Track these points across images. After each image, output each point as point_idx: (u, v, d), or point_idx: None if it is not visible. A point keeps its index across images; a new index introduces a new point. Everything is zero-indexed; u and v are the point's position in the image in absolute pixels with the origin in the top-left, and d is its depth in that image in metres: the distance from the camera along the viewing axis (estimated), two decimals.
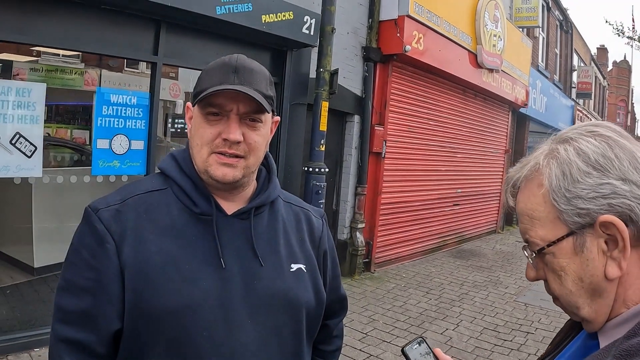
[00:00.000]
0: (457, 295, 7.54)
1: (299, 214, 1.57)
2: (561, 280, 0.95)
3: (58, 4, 4.58)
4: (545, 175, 0.94)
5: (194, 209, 1.36)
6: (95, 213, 1.31)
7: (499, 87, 11.61)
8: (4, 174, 4.48)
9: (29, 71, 5.86)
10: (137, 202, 1.36)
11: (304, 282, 1.45)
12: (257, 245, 1.39)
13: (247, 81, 1.32)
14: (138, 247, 1.29)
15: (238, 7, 5.53)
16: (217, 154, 1.33)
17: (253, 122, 1.34)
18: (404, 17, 7.88)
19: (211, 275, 1.31)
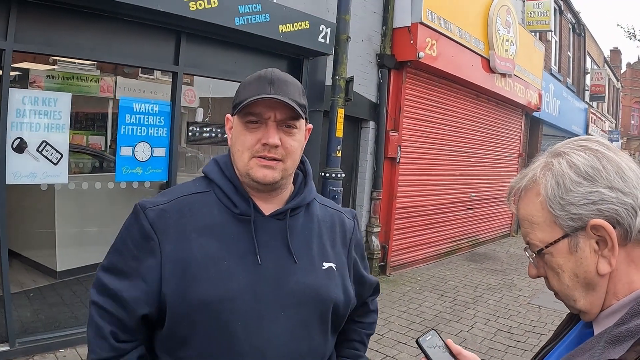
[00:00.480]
0: (471, 297, 7.61)
1: (333, 216, 1.66)
2: (559, 276, 1.06)
3: (82, 16, 4.73)
4: (542, 185, 1.05)
5: (234, 210, 1.48)
6: (143, 211, 1.45)
7: (511, 92, 11.65)
8: (30, 181, 4.62)
9: (46, 79, 5.96)
10: (182, 203, 1.48)
11: (334, 279, 1.55)
12: (292, 243, 1.49)
13: (283, 91, 1.43)
14: (180, 244, 1.41)
15: (256, 17, 5.66)
16: (257, 157, 1.44)
17: (289, 128, 1.46)
18: (417, 24, 7.99)
19: (248, 270, 1.42)
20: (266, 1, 5.89)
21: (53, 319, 5.34)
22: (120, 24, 5.01)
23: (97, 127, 8.28)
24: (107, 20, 4.90)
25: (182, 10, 5.02)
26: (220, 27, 5.47)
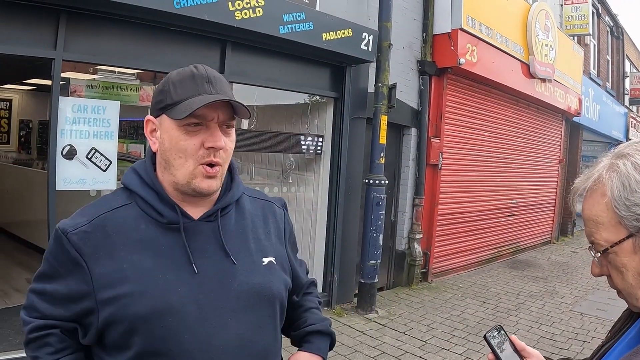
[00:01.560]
0: (513, 305, 7.53)
1: (264, 207, 1.62)
2: (623, 275, 1.09)
3: (130, 26, 4.85)
4: (608, 186, 1.07)
5: (161, 220, 1.39)
6: (65, 235, 1.35)
7: (551, 97, 11.51)
8: (80, 187, 4.72)
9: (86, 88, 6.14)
10: (104, 222, 1.37)
11: (275, 273, 1.52)
12: (227, 244, 1.43)
13: (222, 90, 1.37)
14: (111, 265, 1.32)
15: (300, 26, 5.72)
16: (203, 165, 1.36)
17: (228, 128, 1.41)
18: (457, 31, 7.98)
19: (187, 281, 1.35)
20: (310, 10, 5.97)
21: None
22: (166, 34, 5.11)
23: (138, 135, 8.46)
24: (154, 29, 5.01)
25: (228, 19, 5.11)
26: (265, 36, 5.54)
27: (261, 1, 5.33)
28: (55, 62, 4.43)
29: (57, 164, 4.51)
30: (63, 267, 1.36)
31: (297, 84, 6.42)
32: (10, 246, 8.43)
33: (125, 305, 1.31)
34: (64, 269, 1.36)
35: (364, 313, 6.64)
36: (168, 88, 1.38)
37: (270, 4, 5.44)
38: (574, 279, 9.39)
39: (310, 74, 6.48)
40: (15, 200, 8.85)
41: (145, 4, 4.52)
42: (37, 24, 4.36)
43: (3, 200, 9.30)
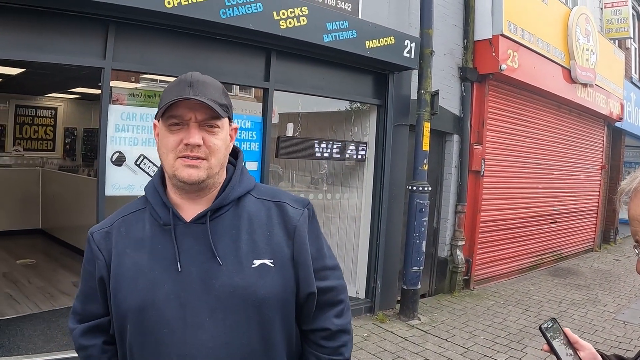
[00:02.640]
0: (555, 313, 7.44)
1: (270, 208, 1.61)
2: None
3: (176, 35, 4.96)
4: None
5: (159, 221, 1.54)
6: (91, 235, 1.61)
7: (593, 102, 11.33)
8: (128, 192, 4.81)
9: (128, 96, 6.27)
10: (121, 224, 1.60)
11: (268, 276, 1.50)
12: (215, 245, 1.49)
13: (202, 93, 1.47)
14: (119, 260, 1.53)
15: (343, 34, 5.76)
16: (181, 158, 1.47)
17: (210, 127, 1.49)
18: (498, 36, 7.94)
19: (172, 278, 1.47)
20: (353, 18, 6.02)
21: None
22: (212, 43, 5.21)
23: None
24: (200, 39, 5.11)
25: (272, 28, 5.18)
26: (309, 44, 5.61)
27: (305, 10, 5.39)
28: (105, 71, 4.56)
29: (107, 170, 4.64)
30: (90, 263, 1.60)
31: (341, 91, 6.46)
32: (57, 250, 8.65)
33: (122, 297, 1.50)
34: (90, 265, 1.60)
35: (406, 319, 6.64)
36: (163, 94, 1.54)
37: (314, 13, 5.51)
38: (616, 287, 9.22)
39: (353, 81, 6.52)
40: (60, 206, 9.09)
41: (193, 14, 4.62)
42: (87, 34, 4.50)
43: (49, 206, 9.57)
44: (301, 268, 1.57)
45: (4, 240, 8.84)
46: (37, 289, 6.56)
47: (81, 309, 1.64)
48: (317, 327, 1.63)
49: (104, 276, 1.55)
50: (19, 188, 9.56)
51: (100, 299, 1.59)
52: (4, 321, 5.42)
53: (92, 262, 1.58)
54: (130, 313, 1.48)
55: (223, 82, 4.99)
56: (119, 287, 1.51)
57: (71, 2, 4.13)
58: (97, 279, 1.56)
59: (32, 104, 11.73)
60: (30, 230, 9.61)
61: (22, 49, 4.23)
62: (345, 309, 1.67)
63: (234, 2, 4.84)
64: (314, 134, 7.04)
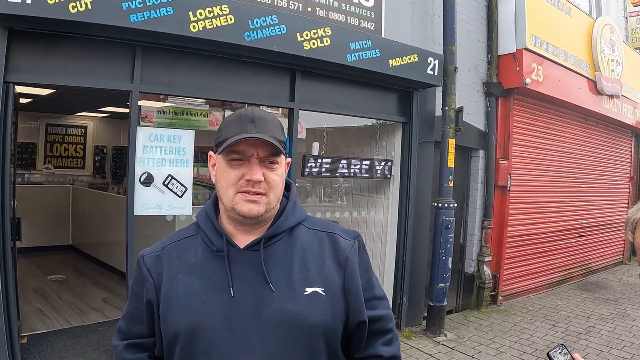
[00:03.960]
0: (583, 328, 7.35)
1: (322, 239, 1.63)
2: None
3: (202, 58, 5.08)
4: None
5: (212, 247, 1.58)
6: (142, 259, 1.66)
7: (620, 113, 11.18)
8: (157, 212, 4.95)
9: (157, 114, 6.35)
10: (172, 249, 1.64)
11: (319, 304, 1.52)
12: (268, 272, 1.52)
13: (264, 129, 1.50)
14: (169, 284, 1.57)
15: (367, 53, 5.82)
16: (242, 192, 1.50)
17: (271, 164, 1.52)
18: (522, 50, 7.91)
19: (224, 303, 1.50)
20: (376, 37, 6.07)
21: None
22: (237, 64, 5.31)
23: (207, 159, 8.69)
24: (225, 60, 5.22)
25: (296, 50, 5.27)
26: (333, 64, 5.68)
27: (328, 31, 5.47)
28: (133, 94, 4.69)
29: (135, 191, 4.74)
30: (139, 285, 1.64)
31: (365, 110, 6.50)
32: (87, 266, 8.80)
33: (172, 318, 1.53)
34: (139, 287, 1.64)
35: (433, 336, 6.62)
36: (221, 127, 1.58)
37: (338, 33, 5.58)
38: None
39: (378, 99, 6.56)
40: (90, 223, 9.24)
41: (218, 38, 4.74)
42: (116, 58, 4.65)
43: (79, 222, 9.74)
44: (352, 297, 1.59)
45: (35, 256, 9.03)
46: (67, 305, 6.69)
47: (126, 329, 1.69)
48: (369, 354, 1.65)
49: (152, 299, 1.59)
50: (50, 205, 9.76)
51: (146, 320, 1.63)
52: (34, 336, 5.54)
53: (141, 284, 1.63)
54: (180, 334, 1.51)
55: (249, 102, 5.15)
56: (169, 309, 1.54)
57: (100, 28, 4.25)
58: (145, 301, 1.61)
59: (62, 123, 12.02)
60: (60, 247, 9.80)
61: (54, 73, 4.41)
62: (394, 338, 1.70)
63: (257, 25, 4.94)
64: (340, 152, 7.08)
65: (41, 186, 10.26)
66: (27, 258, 8.75)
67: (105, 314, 6.42)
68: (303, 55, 5.33)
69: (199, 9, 4.59)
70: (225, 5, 4.73)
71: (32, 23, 4.05)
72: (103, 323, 6.10)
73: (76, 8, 3.99)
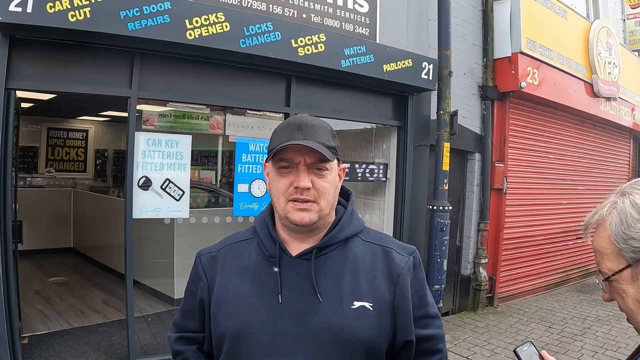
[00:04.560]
0: (579, 329, 7.41)
1: (376, 253, 1.62)
2: (624, 300, 1.21)
3: (199, 64, 5.17)
4: (608, 221, 1.21)
5: (265, 253, 1.61)
6: (199, 258, 1.73)
7: (617, 115, 11.21)
8: (155, 215, 5.05)
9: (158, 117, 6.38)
10: (228, 250, 1.69)
11: (366, 319, 1.51)
12: (318, 282, 1.52)
13: (311, 136, 1.51)
14: (222, 285, 1.62)
15: (361, 59, 5.87)
16: (292, 201, 1.52)
17: (319, 170, 1.53)
18: (517, 54, 7.98)
19: (271, 308, 1.52)
20: (370, 42, 6.13)
21: None
22: (233, 70, 5.39)
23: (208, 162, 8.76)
24: (222, 67, 5.30)
25: (291, 56, 5.34)
26: (328, 70, 5.73)
27: (323, 37, 5.54)
28: (131, 100, 4.78)
29: (134, 194, 4.84)
30: (194, 283, 1.71)
31: (361, 114, 6.55)
32: (88, 269, 8.87)
33: (221, 319, 1.58)
34: (194, 285, 1.71)
35: None
36: (272, 136, 1.61)
37: (332, 39, 5.65)
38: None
39: (373, 104, 6.62)
40: (92, 226, 9.32)
41: (213, 45, 4.83)
42: (114, 65, 4.74)
43: (81, 225, 9.81)
44: (401, 315, 1.57)
45: (37, 258, 9.11)
46: (68, 306, 6.77)
47: (180, 323, 1.78)
48: None
49: (204, 298, 1.65)
50: (52, 208, 9.83)
51: (198, 317, 1.70)
52: (35, 337, 5.63)
53: (196, 283, 1.69)
54: (227, 335, 1.55)
55: (245, 108, 5.23)
56: (219, 310, 1.59)
57: (98, 36, 4.34)
58: (198, 299, 1.67)
59: (63, 127, 12.11)
60: (62, 249, 9.87)
61: (54, 80, 4.50)
62: (442, 359, 1.69)
63: (252, 31, 5.03)
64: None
65: (43, 189, 10.32)
66: (29, 260, 8.85)
67: (106, 315, 6.50)
68: (298, 62, 5.40)
69: (195, 16, 4.68)
70: (221, 13, 4.82)
71: (33, 31, 4.14)
72: (103, 324, 6.18)
73: (75, 17, 4.09)
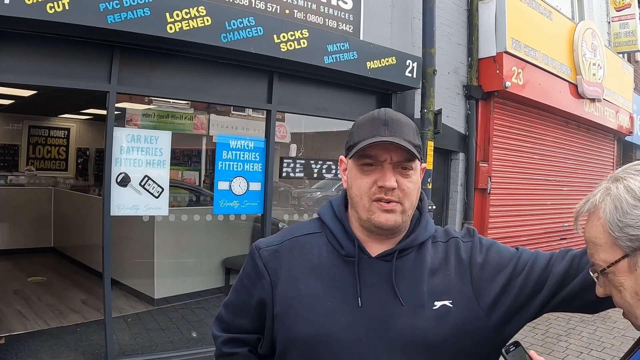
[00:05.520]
0: (564, 330, 7.38)
1: (446, 248, 1.52)
2: (621, 294, 1.13)
3: (180, 60, 5.10)
4: (602, 209, 1.12)
5: (341, 251, 1.47)
6: (257, 251, 1.55)
7: (601, 116, 11.27)
8: (133, 212, 4.96)
9: (142, 117, 6.30)
10: (293, 244, 1.53)
11: (449, 318, 1.40)
12: (398, 285, 1.41)
13: (398, 133, 1.39)
14: (289, 284, 1.46)
15: (344, 55, 5.83)
16: (376, 201, 1.40)
17: (405, 169, 1.41)
18: (502, 54, 7.99)
19: (350, 312, 1.39)
20: (353, 39, 6.09)
21: (150, 343, 5.62)
22: (215, 66, 5.32)
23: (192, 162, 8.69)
24: (203, 62, 5.23)
25: (273, 51, 5.28)
26: (311, 66, 5.69)
27: (305, 32, 5.49)
28: (110, 94, 4.69)
29: (112, 191, 4.75)
30: (250, 279, 1.55)
31: (344, 112, 6.49)
32: (69, 269, 8.73)
33: (292, 323, 1.44)
34: (250, 281, 1.55)
35: None
36: (352, 130, 1.49)
37: (315, 35, 5.60)
38: None
39: (357, 101, 6.58)
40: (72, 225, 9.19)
41: (194, 39, 4.75)
42: (93, 59, 4.65)
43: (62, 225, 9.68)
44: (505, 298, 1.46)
45: (17, 258, 8.95)
46: (46, 306, 6.63)
47: (229, 319, 1.63)
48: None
49: (265, 298, 1.50)
50: (32, 207, 9.67)
51: (253, 316, 1.56)
52: (13, 337, 5.49)
53: (254, 279, 1.54)
54: (299, 341, 1.43)
55: (226, 104, 5.17)
56: (289, 313, 1.45)
57: (77, 28, 4.25)
58: (257, 298, 1.53)
59: (45, 125, 11.94)
60: (42, 249, 9.70)
61: (32, 74, 4.42)
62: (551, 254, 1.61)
63: (234, 26, 4.96)
64: (320, 154, 7.08)
65: (23, 188, 10.17)
66: (9, 260, 8.71)
67: (84, 315, 6.38)
68: (280, 57, 5.34)
69: (176, 10, 4.60)
70: (202, 7, 4.75)
71: (10, 23, 4.04)
72: (82, 324, 6.06)
73: (54, 8, 4.00)
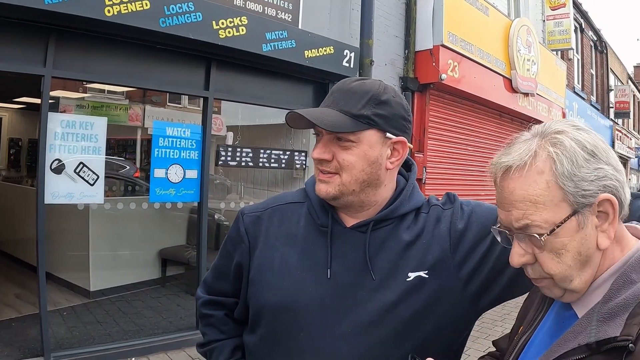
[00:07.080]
0: (499, 315, 7.63)
1: (426, 218, 1.46)
2: (560, 257, 1.02)
3: (117, 44, 5.00)
4: (548, 162, 1.02)
5: (317, 221, 1.45)
6: (242, 216, 1.57)
7: (534, 111, 11.64)
8: (68, 200, 4.85)
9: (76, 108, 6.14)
10: (276, 212, 1.54)
11: (422, 291, 1.37)
12: (372, 258, 1.38)
13: (337, 102, 1.36)
14: (265, 251, 1.48)
15: (282, 44, 5.87)
16: (319, 171, 1.41)
17: (340, 141, 1.35)
18: (439, 47, 8.13)
19: (319, 283, 1.39)
20: (292, 28, 6.13)
21: (87, 336, 5.53)
22: (153, 51, 5.26)
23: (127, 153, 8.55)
24: (141, 47, 5.16)
25: (212, 38, 5.26)
26: (249, 54, 5.69)
27: (244, 20, 5.49)
28: (45, 79, 4.56)
29: (46, 178, 4.62)
30: (232, 243, 1.57)
31: (282, 100, 6.51)
32: (1, 263, 8.46)
33: (262, 290, 1.46)
34: (232, 245, 1.57)
35: None
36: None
37: (253, 23, 5.60)
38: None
39: (294, 91, 6.62)
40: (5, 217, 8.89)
41: (132, 23, 4.68)
42: (28, 42, 4.50)
43: None
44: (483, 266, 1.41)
45: None
46: None
47: (211, 282, 1.67)
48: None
49: (243, 262, 1.52)
50: None
51: (232, 280, 1.58)
52: None
53: (235, 243, 1.55)
54: (267, 308, 1.44)
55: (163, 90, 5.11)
56: (260, 279, 1.46)
57: (10, 8, 4.11)
58: (236, 262, 1.54)
59: None
60: None
61: None
62: None
63: (173, 11, 4.91)
64: (256, 143, 7.08)
65: None
66: None
67: (19, 309, 6.20)
68: (218, 44, 5.33)
69: None
70: None
71: None
72: (16, 319, 5.89)
73: None
